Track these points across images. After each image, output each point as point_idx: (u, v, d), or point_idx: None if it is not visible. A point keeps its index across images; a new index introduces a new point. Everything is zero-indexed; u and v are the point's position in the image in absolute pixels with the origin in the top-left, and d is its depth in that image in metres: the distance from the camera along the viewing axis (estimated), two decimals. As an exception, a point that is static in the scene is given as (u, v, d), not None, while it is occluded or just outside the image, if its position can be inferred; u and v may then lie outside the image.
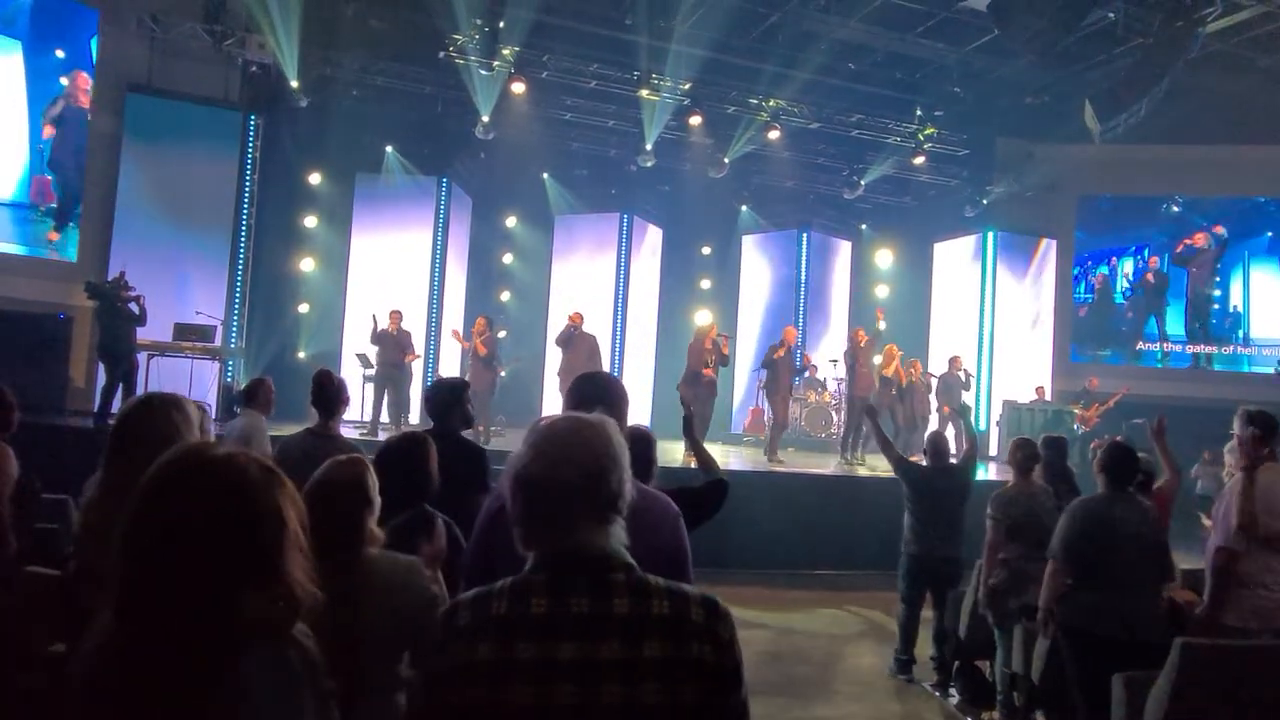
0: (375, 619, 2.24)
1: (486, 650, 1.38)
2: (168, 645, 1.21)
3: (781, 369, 11.29)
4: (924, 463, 6.34)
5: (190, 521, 1.24)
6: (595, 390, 2.37)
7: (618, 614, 1.40)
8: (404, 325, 11.78)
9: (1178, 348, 16.07)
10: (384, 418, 11.51)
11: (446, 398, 4.09)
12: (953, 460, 6.48)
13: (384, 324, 11.59)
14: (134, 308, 9.47)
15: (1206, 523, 6.15)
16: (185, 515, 1.25)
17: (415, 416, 11.95)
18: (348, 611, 2.01)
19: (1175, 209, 16.20)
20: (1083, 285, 16.77)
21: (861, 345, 11.50)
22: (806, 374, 14.03)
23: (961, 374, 13.20)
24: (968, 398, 13.27)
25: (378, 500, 2.46)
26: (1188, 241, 15.99)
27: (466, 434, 4.49)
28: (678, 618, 1.42)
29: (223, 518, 1.25)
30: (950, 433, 11.56)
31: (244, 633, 1.25)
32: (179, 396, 2.58)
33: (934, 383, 12.94)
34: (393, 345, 11.53)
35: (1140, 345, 16.31)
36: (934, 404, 12.87)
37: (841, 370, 13.07)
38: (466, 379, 7.46)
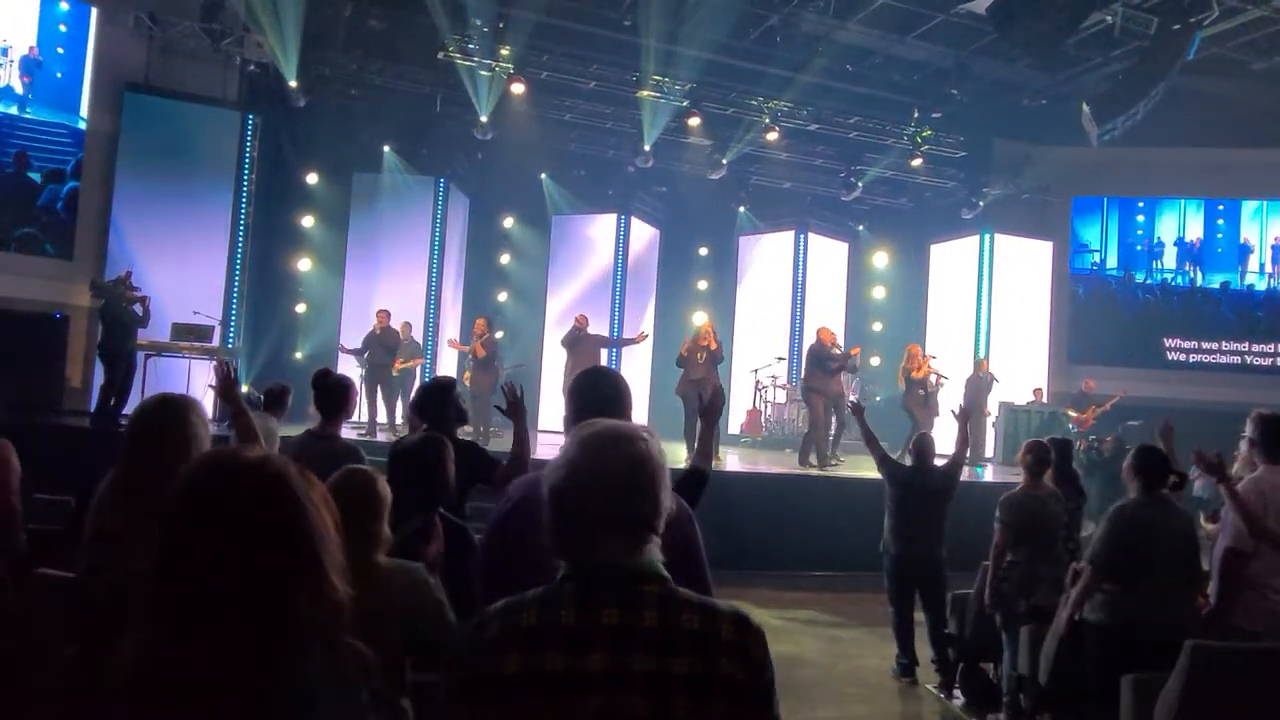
0: (382, 624, 2.23)
1: (515, 662, 1.37)
2: (229, 648, 1.20)
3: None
4: (908, 462, 6.37)
5: (239, 522, 1.24)
6: (602, 391, 2.33)
7: (647, 626, 1.38)
8: (391, 324, 11.78)
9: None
10: (380, 418, 11.50)
11: (438, 398, 4.00)
12: (938, 462, 6.47)
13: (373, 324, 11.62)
14: (138, 309, 9.43)
15: (1208, 526, 6.17)
16: (233, 516, 1.25)
17: (414, 418, 11.92)
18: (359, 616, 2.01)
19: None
20: (1091, 289, 16.72)
21: (835, 353, 11.48)
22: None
23: (987, 375, 13.44)
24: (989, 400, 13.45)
25: (388, 509, 2.46)
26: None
27: (466, 434, 4.46)
28: (708, 633, 1.40)
29: (269, 518, 1.26)
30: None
31: (301, 634, 1.25)
32: (195, 399, 2.57)
33: (944, 383, 12.89)
34: (378, 345, 11.53)
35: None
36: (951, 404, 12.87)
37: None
38: (455, 377, 7.48)
